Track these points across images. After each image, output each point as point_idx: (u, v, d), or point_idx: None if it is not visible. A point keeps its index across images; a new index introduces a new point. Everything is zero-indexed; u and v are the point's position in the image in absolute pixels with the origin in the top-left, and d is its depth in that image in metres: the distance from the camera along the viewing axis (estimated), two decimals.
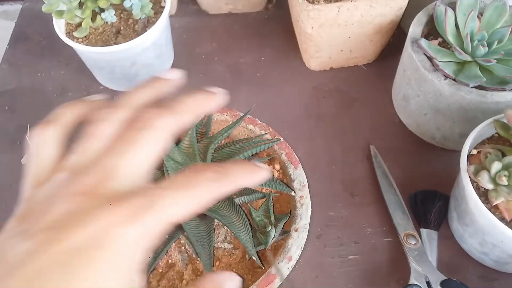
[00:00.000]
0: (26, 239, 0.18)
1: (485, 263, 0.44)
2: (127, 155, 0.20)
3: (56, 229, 0.18)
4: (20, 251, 0.18)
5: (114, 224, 0.18)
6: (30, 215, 0.20)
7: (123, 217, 0.18)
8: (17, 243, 0.18)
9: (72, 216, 0.18)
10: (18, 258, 0.17)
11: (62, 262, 0.17)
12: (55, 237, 0.18)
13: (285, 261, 0.36)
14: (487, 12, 0.47)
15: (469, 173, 0.39)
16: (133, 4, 0.52)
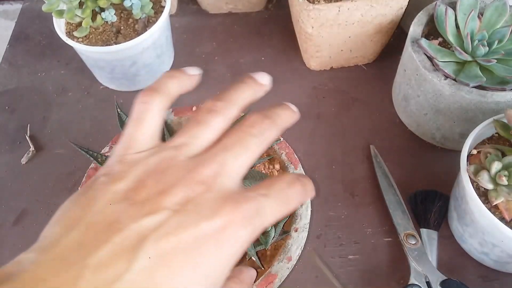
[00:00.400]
0: (151, 214, 0.19)
1: (485, 263, 0.44)
2: (240, 157, 0.22)
3: (183, 214, 0.19)
4: (144, 225, 0.19)
5: (233, 224, 0.20)
6: (141, 185, 0.21)
7: (240, 219, 0.20)
8: (136, 213, 0.19)
9: (193, 204, 0.20)
10: (141, 231, 0.19)
11: (189, 248, 0.19)
12: (184, 222, 0.19)
13: (285, 261, 0.36)
14: (487, 12, 0.47)
15: (469, 173, 0.39)
16: (133, 4, 0.52)
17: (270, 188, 0.22)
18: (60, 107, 0.59)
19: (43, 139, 0.57)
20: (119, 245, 0.19)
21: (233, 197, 0.21)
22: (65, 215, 0.21)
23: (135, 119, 0.24)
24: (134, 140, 0.23)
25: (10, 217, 0.50)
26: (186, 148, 0.22)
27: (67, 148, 0.55)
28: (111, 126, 0.57)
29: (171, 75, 0.26)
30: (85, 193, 0.21)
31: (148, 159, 0.22)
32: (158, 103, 0.24)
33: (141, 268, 0.18)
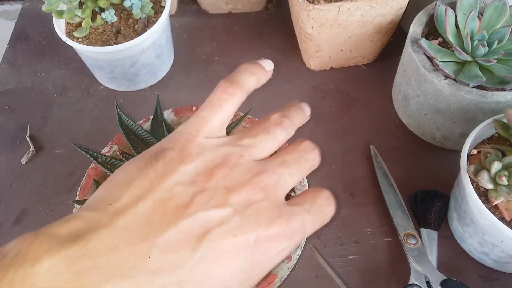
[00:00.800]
0: (218, 207, 0.21)
1: (485, 263, 0.44)
2: (294, 176, 0.24)
3: (244, 217, 0.21)
4: (211, 216, 0.21)
5: (282, 237, 0.22)
6: (209, 174, 0.22)
7: (288, 232, 0.22)
8: (205, 202, 0.21)
9: (253, 209, 0.22)
10: (207, 222, 0.20)
11: (243, 250, 0.21)
12: (244, 226, 0.21)
13: (285, 261, 0.36)
14: (487, 12, 0.47)
15: (469, 173, 0.39)
16: (133, 4, 0.52)
17: (313, 204, 0.24)
18: (60, 107, 0.59)
19: (43, 140, 0.57)
20: (186, 230, 0.20)
21: (285, 210, 0.23)
22: (131, 182, 0.22)
23: (214, 105, 0.25)
24: (208, 124, 0.24)
25: (10, 217, 0.50)
26: (253, 150, 0.24)
27: (67, 148, 0.55)
28: (111, 126, 0.57)
29: (252, 72, 0.27)
30: (152, 164, 0.22)
31: (218, 148, 0.23)
32: (239, 97, 0.26)
33: (201, 261, 0.20)
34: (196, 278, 0.20)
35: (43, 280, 0.17)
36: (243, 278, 0.21)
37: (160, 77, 0.61)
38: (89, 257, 0.18)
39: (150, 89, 0.60)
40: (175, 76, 0.62)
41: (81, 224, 0.20)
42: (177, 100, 0.59)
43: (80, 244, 0.19)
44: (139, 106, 0.59)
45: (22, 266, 0.18)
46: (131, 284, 0.18)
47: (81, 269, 0.18)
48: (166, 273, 0.19)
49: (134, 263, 0.19)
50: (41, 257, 0.18)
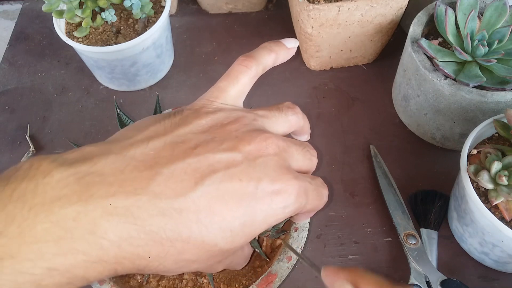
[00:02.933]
0: (227, 151, 0.22)
1: (485, 263, 0.44)
2: (300, 154, 0.26)
3: (252, 165, 0.22)
4: (219, 158, 0.22)
5: (287, 193, 0.23)
6: (223, 126, 0.24)
7: (294, 190, 0.23)
8: (215, 146, 0.22)
9: (263, 160, 0.23)
10: (214, 163, 0.22)
11: (246, 196, 0.22)
12: (251, 173, 0.22)
13: (285, 260, 0.36)
14: (487, 12, 0.47)
15: (469, 173, 0.39)
16: (133, 4, 0.52)
17: (313, 180, 0.26)
18: (60, 107, 0.59)
19: (43, 140, 0.57)
20: (191, 166, 0.21)
21: (292, 171, 0.24)
22: (146, 127, 0.23)
23: (231, 77, 0.27)
24: (224, 92, 0.26)
25: None
26: (266, 120, 0.26)
27: (67, 148, 0.55)
28: (111, 127, 0.57)
29: (271, 49, 0.28)
30: (169, 117, 0.24)
31: (234, 111, 0.25)
32: (254, 70, 0.27)
33: (203, 194, 0.21)
34: (197, 209, 0.20)
35: (53, 189, 0.19)
36: (245, 222, 0.22)
37: (160, 77, 0.61)
38: (96, 175, 0.20)
39: (150, 89, 0.60)
40: (175, 76, 0.62)
41: (93, 149, 0.21)
42: (177, 100, 0.59)
43: (89, 164, 0.20)
44: (139, 106, 0.59)
45: (34, 177, 0.19)
46: (134, 201, 0.20)
47: (88, 183, 0.19)
48: (169, 198, 0.20)
49: (139, 185, 0.20)
50: (51, 170, 0.19)
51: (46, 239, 0.18)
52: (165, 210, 0.20)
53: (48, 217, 0.18)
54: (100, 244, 0.19)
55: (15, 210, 0.18)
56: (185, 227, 0.20)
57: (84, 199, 0.19)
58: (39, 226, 0.18)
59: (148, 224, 0.20)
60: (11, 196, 0.19)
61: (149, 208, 0.20)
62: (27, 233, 0.18)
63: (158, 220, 0.20)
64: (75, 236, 0.19)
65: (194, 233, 0.21)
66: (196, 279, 0.37)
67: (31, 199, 0.19)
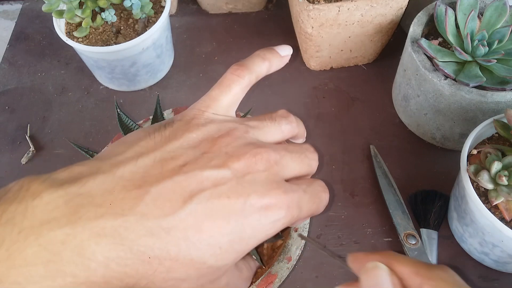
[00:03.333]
0: (215, 168, 0.22)
1: (485, 263, 0.44)
2: (294, 163, 0.25)
3: (240, 182, 0.22)
4: (207, 176, 0.22)
5: (277, 207, 0.23)
6: (213, 141, 0.23)
7: (284, 204, 0.23)
8: (204, 163, 0.22)
9: (251, 177, 0.23)
10: (202, 181, 0.22)
11: (235, 213, 0.22)
12: (240, 190, 0.22)
13: (285, 261, 0.36)
14: (487, 12, 0.47)
15: (469, 173, 0.39)
16: (133, 4, 0.52)
17: (309, 186, 0.25)
18: (60, 107, 0.59)
19: (43, 140, 0.57)
20: (180, 184, 0.21)
21: (283, 184, 0.24)
22: (136, 142, 0.23)
23: (223, 86, 0.26)
24: (216, 102, 0.26)
25: None
26: (258, 131, 0.25)
27: (67, 148, 0.55)
28: (111, 127, 0.57)
29: (264, 58, 0.28)
30: (159, 130, 0.24)
31: (225, 123, 0.25)
32: (247, 79, 0.27)
33: (192, 212, 0.21)
34: (185, 227, 0.21)
35: (42, 212, 0.19)
36: (234, 239, 0.22)
37: (160, 77, 0.61)
38: (85, 196, 0.20)
39: (150, 89, 0.60)
40: (175, 76, 0.62)
41: (82, 169, 0.21)
42: (177, 100, 0.59)
43: (78, 184, 0.20)
44: (139, 106, 0.59)
45: (24, 199, 0.20)
46: (122, 222, 0.20)
47: (77, 205, 0.20)
48: (156, 218, 0.20)
49: (127, 205, 0.20)
50: (41, 192, 0.20)
51: (35, 262, 0.18)
52: (153, 229, 0.20)
53: (37, 240, 0.19)
54: (88, 266, 0.19)
55: (4, 233, 0.19)
56: (173, 245, 0.20)
57: (73, 221, 0.19)
58: (29, 249, 0.18)
59: (136, 244, 0.20)
60: (1, 218, 0.19)
61: (137, 228, 0.20)
62: (16, 256, 0.18)
63: (146, 240, 0.20)
64: (63, 259, 0.19)
65: (183, 251, 0.21)
66: None
67: (20, 222, 0.19)
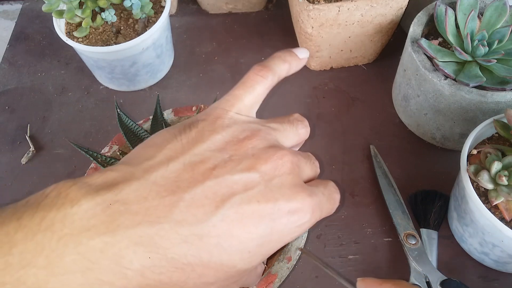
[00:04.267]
0: (245, 172, 0.22)
1: (485, 263, 0.44)
2: (307, 169, 0.26)
3: (269, 186, 0.23)
4: (237, 180, 0.22)
5: (303, 211, 0.23)
6: (239, 143, 0.24)
7: (309, 208, 0.23)
8: (233, 166, 0.23)
9: (278, 180, 0.23)
10: (232, 185, 0.22)
11: (264, 217, 0.22)
12: (268, 194, 0.22)
13: (285, 261, 0.36)
14: (487, 12, 0.47)
15: (469, 173, 0.39)
16: (133, 4, 0.52)
17: (326, 188, 0.26)
18: (60, 107, 0.59)
19: (43, 140, 0.57)
20: (211, 189, 0.21)
21: (306, 188, 0.24)
22: (164, 144, 0.23)
23: (247, 86, 0.27)
24: (240, 101, 0.26)
25: None
26: (278, 133, 0.26)
27: (67, 148, 0.55)
28: (111, 127, 0.57)
29: (285, 60, 0.29)
30: (185, 131, 0.24)
31: (248, 124, 0.25)
32: (270, 80, 0.28)
33: (224, 218, 0.21)
34: (217, 234, 0.21)
35: (81, 219, 0.19)
36: (262, 243, 0.22)
37: (160, 77, 0.61)
38: (121, 203, 0.20)
39: (150, 89, 0.60)
40: (175, 76, 0.62)
41: (116, 175, 0.22)
42: (177, 100, 0.59)
43: (114, 192, 0.20)
44: (139, 106, 0.59)
45: (63, 206, 0.20)
46: (158, 229, 0.20)
47: (114, 213, 0.20)
48: (190, 225, 0.20)
49: (162, 213, 0.20)
50: (79, 200, 0.20)
51: (73, 271, 0.19)
52: (187, 236, 0.20)
53: (76, 248, 0.19)
54: (125, 274, 0.19)
55: (44, 240, 0.19)
56: (205, 251, 0.21)
57: (111, 229, 0.19)
58: (67, 258, 0.19)
59: (171, 252, 0.20)
60: (40, 225, 0.19)
61: (172, 236, 0.20)
62: (55, 264, 0.18)
63: (180, 247, 0.20)
64: (101, 267, 0.19)
65: (214, 257, 0.21)
66: None
67: (60, 230, 0.19)
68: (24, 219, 0.19)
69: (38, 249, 0.18)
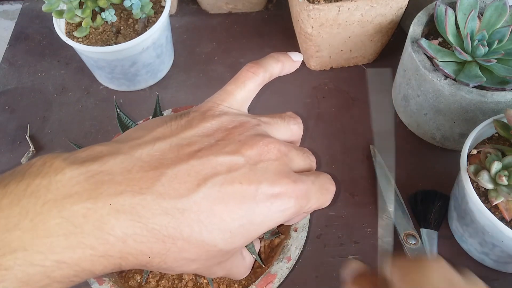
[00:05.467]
0: (229, 154, 0.23)
1: (485, 263, 0.44)
2: (299, 160, 0.26)
3: (253, 169, 0.23)
4: (221, 161, 0.23)
5: (286, 196, 0.24)
6: (227, 130, 0.25)
7: (293, 194, 0.24)
8: (218, 149, 0.23)
9: (263, 165, 0.24)
10: (216, 166, 0.23)
11: (246, 198, 0.22)
12: (252, 176, 0.23)
13: (284, 261, 0.36)
14: (487, 12, 0.47)
15: (469, 173, 0.39)
16: (133, 4, 0.52)
17: (317, 178, 0.26)
18: (60, 107, 0.59)
19: (43, 140, 0.57)
20: (195, 168, 0.22)
21: (292, 175, 0.25)
22: (154, 128, 0.24)
23: (239, 81, 0.28)
24: (231, 96, 0.27)
25: None
26: (269, 126, 0.27)
27: (67, 148, 0.55)
28: (111, 127, 0.57)
29: (278, 59, 0.29)
30: (176, 119, 0.25)
31: (238, 116, 0.26)
32: (262, 77, 0.28)
33: (205, 196, 0.22)
34: (198, 210, 0.21)
35: (65, 186, 0.20)
36: (243, 224, 0.22)
37: (160, 77, 0.61)
38: (106, 174, 0.21)
39: (150, 89, 0.60)
40: (175, 76, 0.62)
41: (102, 148, 0.22)
42: (177, 100, 0.59)
43: (99, 163, 0.21)
44: (139, 106, 0.59)
45: (47, 174, 0.20)
46: (140, 200, 0.21)
47: (97, 182, 0.21)
48: (172, 198, 0.21)
49: (145, 184, 0.21)
50: (63, 168, 0.21)
51: (57, 234, 0.19)
52: (168, 209, 0.21)
53: (60, 213, 0.19)
54: (107, 240, 0.20)
55: (29, 205, 0.19)
56: (186, 226, 0.21)
57: (94, 196, 0.20)
58: (52, 221, 0.19)
59: (152, 222, 0.21)
60: (26, 190, 0.20)
61: (153, 207, 0.21)
62: (40, 227, 0.19)
63: (161, 219, 0.21)
64: (84, 232, 0.20)
65: (195, 232, 0.21)
66: (195, 279, 0.37)
67: (44, 195, 0.20)
68: (10, 186, 0.20)
69: (23, 213, 0.19)
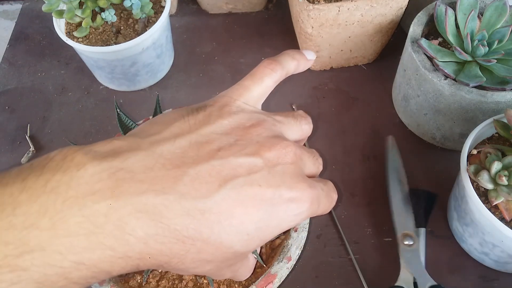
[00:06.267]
0: (249, 156, 0.23)
1: (485, 263, 0.44)
2: (310, 164, 0.27)
3: (272, 172, 0.23)
4: (241, 163, 0.23)
5: (302, 200, 0.24)
6: (245, 129, 0.24)
7: (308, 198, 0.24)
8: (238, 150, 0.23)
9: (281, 168, 0.24)
10: (236, 167, 0.22)
11: (265, 202, 0.23)
12: (271, 180, 0.23)
13: (284, 261, 0.36)
14: (487, 12, 0.47)
15: (469, 173, 0.39)
16: (133, 4, 0.52)
17: (325, 185, 0.27)
18: (60, 107, 0.59)
19: (43, 140, 0.57)
20: (215, 168, 0.22)
21: (307, 179, 0.25)
22: (172, 122, 0.24)
23: (256, 77, 0.27)
24: (248, 91, 0.27)
25: None
26: (283, 126, 0.27)
27: None
28: (111, 127, 0.57)
29: (294, 57, 0.29)
30: (193, 113, 0.25)
31: (254, 113, 0.26)
32: (278, 74, 0.28)
33: (225, 197, 0.21)
34: (218, 211, 0.21)
35: (87, 183, 0.19)
36: (260, 227, 0.23)
37: (160, 77, 0.61)
38: (127, 171, 0.20)
39: (150, 89, 0.60)
40: (175, 76, 0.62)
41: (122, 143, 0.22)
42: (177, 100, 0.59)
43: (120, 159, 0.21)
44: (139, 106, 0.59)
45: (68, 169, 0.20)
46: (162, 199, 0.20)
47: (119, 179, 0.20)
48: (193, 198, 0.21)
49: (167, 184, 0.21)
50: (85, 164, 0.20)
51: (77, 233, 0.19)
52: (190, 210, 0.21)
53: (81, 211, 0.19)
54: (127, 240, 0.19)
55: (48, 202, 0.19)
56: (206, 227, 0.21)
57: (116, 194, 0.19)
58: (72, 220, 0.19)
59: (174, 223, 0.20)
60: (45, 186, 0.19)
61: (175, 207, 0.20)
62: (59, 225, 0.18)
63: (183, 219, 0.21)
64: (104, 232, 0.19)
65: (214, 234, 0.21)
66: (196, 279, 0.37)
67: (65, 192, 0.19)
68: (29, 180, 0.19)
69: (41, 211, 0.18)
